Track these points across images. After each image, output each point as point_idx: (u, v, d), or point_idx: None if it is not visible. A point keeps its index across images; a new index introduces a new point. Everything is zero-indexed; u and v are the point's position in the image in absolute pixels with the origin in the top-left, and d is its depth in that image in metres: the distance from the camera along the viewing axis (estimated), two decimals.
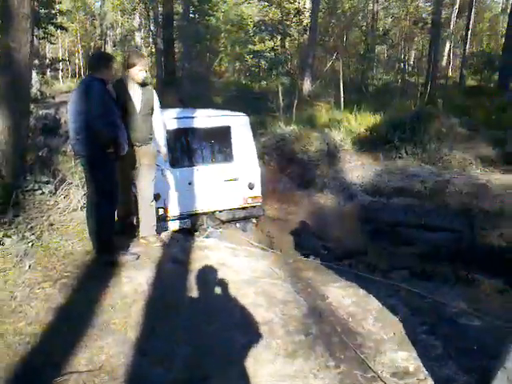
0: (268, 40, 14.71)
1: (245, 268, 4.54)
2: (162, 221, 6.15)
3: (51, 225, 5.26)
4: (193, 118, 6.64)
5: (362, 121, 11.42)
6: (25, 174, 6.18)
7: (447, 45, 25.82)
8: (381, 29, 17.91)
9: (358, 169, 8.71)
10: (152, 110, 4.81)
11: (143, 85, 4.75)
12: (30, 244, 4.72)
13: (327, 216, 7.70)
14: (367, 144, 9.55)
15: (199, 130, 6.63)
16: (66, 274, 4.29)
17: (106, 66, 4.34)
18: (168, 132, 6.15)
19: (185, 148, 6.74)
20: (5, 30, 5.74)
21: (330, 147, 9.36)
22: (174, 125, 6.33)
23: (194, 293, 3.90)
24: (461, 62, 22.38)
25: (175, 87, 18.92)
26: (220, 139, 6.78)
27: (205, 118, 6.68)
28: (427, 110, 9.34)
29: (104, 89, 4.24)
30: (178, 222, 6.32)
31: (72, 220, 5.55)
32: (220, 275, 4.29)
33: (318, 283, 4.11)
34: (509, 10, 18.98)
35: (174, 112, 7.10)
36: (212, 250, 5.14)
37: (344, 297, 3.73)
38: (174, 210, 6.24)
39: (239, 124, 6.77)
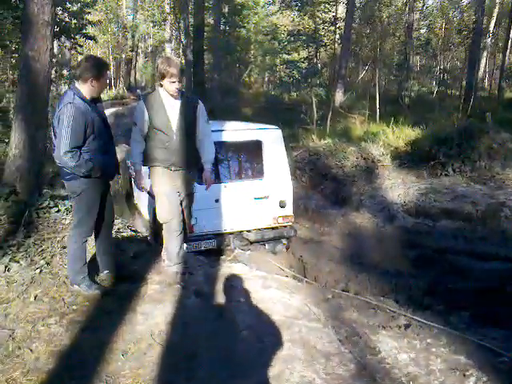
0: (302, 49, 14.16)
1: (277, 305, 3.94)
2: (186, 241, 5.68)
3: (64, 247, 4.79)
4: (222, 131, 6.18)
5: (401, 134, 10.72)
6: (40, 190, 5.78)
7: (484, 56, 24.79)
8: (422, 38, 17.14)
9: (399, 186, 8.01)
10: (194, 127, 4.23)
11: (182, 98, 4.18)
12: (38, 270, 4.26)
13: (365, 238, 7.03)
14: (408, 160, 8.84)
15: (229, 144, 6.17)
16: (74, 308, 3.80)
17: (96, 77, 3.56)
18: None
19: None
20: (24, 37, 5.42)
21: (367, 162, 8.70)
22: None
23: (218, 338, 3.31)
24: (500, 73, 21.33)
25: (204, 98, 18.57)
26: (251, 154, 6.34)
27: (235, 132, 6.23)
28: (476, 125, 8.59)
29: (81, 112, 3.45)
30: (203, 242, 5.84)
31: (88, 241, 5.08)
32: (249, 315, 3.70)
33: (364, 329, 3.47)
34: None
35: None
36: (240, 280, 4.56)
37: (399, 351, 3.08)
38: (199, 229, 5.75)
39: (271, 138, 6.29)
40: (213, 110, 17.91)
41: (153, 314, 3.68)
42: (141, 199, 7.48)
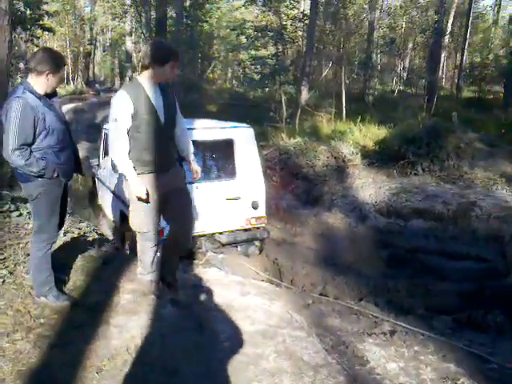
0: (271, 46, 14.00)
1: (258, 313, 3.80)
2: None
3: (28, 255, 4.47)
4: (192, 129, 5.95)
5: (368, 133, 10.78)
6: (0, 191, 5.41)
7: (442, 55, 25.43)
8: (386, 37, 17.36)
9: (370, 186, 8.02)
10: (175, 119, 3.70)
11: (162, 87, 3.57)
12: (0, 281, 3.95)
13: (338, 239, 6.98)
14: (377, 159, 8.88)
15: (198, 143, 5.92)
16: (42, 321, 3.52)
17: (52, 71, 3.24)
18: None
19: (183, 163, 6.05)
20: None
21: (338, 162, 8.67)
22: None
23: (198, 351, 3.13)
24: (458, 72, 21.92)
25: None
26: (222, 153, 6.15)
27: (205, 130, 6.02)
28: (443, 124, 8.71)
29: (30, 107, 3.16)
30: None
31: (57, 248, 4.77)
32: (229, 324, 3.54)
33: (349, 336, 3.38)
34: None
35: None
36: (216, 286, 4.39)
37: (387, 360, 3.00)
38: (169, 232, 5.53)
39: (243, 137, 6.13)
40: None
41: (127, 326, 3.46)
42: (104, 200, 7.17)
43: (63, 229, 5.07)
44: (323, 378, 2.84)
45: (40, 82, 3.27)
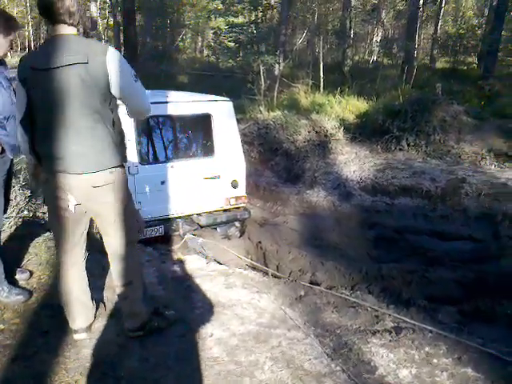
0: (249, 12, 13.23)
1: (247, 309, 3.43)
2: None
3: None
4: (165, 103, 5.46)
5: (348, 106, 10.39)
6: None
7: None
8: (367, 5, 16.78)
9: (354, 162, 7.67)
10: (107, 96, 2.39)
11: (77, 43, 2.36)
12: None
13: (322, 218, 6.65)
14: (359, 133, 8.51)
15: (173, 118, 5.51)
16: (1, 327, 3.07)
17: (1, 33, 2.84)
18: (135, 121, 5.00)
19: (156, 140, 5.58)
20: None
21: (319, 136, 8.27)
22: None
23: (184, 361, 2.75)
24: (432, 43, 21.63)
25: (136, 64, 17.30)
26: (199, 129, 5.74)
27: (180, 104, 5.54)
28: (428, 96, 8.38)
29: None
30: (149, 229, 5.20)
31: (16, 236, 4.25)
32: (216, 326, 3.16)
33: (351, 336, 3.05)
34: None
35: None
36: (198, 277, 4.00)
37: (398, 365, 2.69)
38: (144, 214, 5.09)
39: (222, 111, 5.69)
40: (146, 77, 16.79)
41: (100, 331, 3.04)
42: None
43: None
44: None
45: None
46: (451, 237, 5.71)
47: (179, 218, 5.45)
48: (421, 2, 16.90)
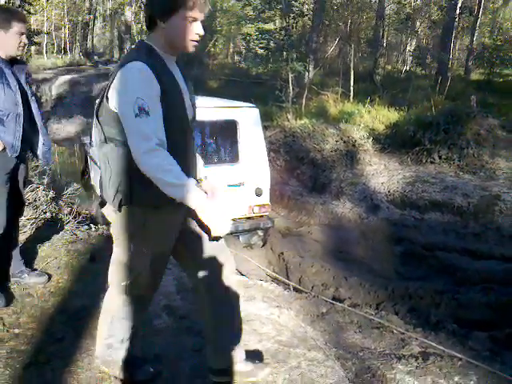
0: (280, 19, 13.12)
1: (266, 325, 3.30)
2: None
3: None
4: None
5: (378, 115, 10.17)
6: None
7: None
8: (401, 13, 16.47)
9: (382, 173, 7.46)
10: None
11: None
12: None
13: (347, 231, 6.48)
14: (389, 144, 8.29)
15: (200, 124, 5.42)
16: (16, 332, 3.03)
17: None
18: None
19: None
20: None
21: (347, 146, 8.10)
22: None
23: (202, 379, 2.64)
24: (467, 53, 21.14)
25: None
26: (224, 135, 5.66)
27: (207, 109, 5.47)
28: (462, 109, 8.11)
29: None
30: None
31: (35, 239, 4.25)
32: None
33: (375, 360, 2.88)
34: None
35: None
36: None
37: None
38: None
39: (248, 118, 5.64)
40: None
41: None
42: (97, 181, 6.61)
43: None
44: None
45: None
46: (483, 256, 5.45)
47: None
48: (457, 12, 16.58)
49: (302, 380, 2.67)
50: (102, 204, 2.21)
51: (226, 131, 5.58)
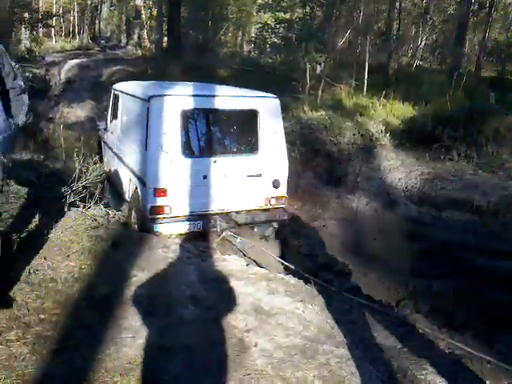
0: (299, 8, 12.90)
1: (292, 320, 3.27)
2: (167, 222, 4.95)
3: None
4: (212, 96, 5.35)
5: (393, 110, 10.06)
6: None
7: None
8: (417, 7, 16.26)
9: (399, 169, 7.38)
10: None
11: None
12: None
13: (363, 226, 6.43)
14: (406, 139, 8.21)
15: (219, 113, 5.38)
16: (41, 317, 3.01)
17: None
18: (181, 113, 4.90)
19: (201, 134, 5.47)
20: None
21: (364, 140, 8.01)
22: (187, 104, 5.01)
23: (229, 371, 2.62)
24: (479, 50, 20.90)
25: (179, 56, 17.32)
26: (244, 125, 5.60)
27: (227, 98, 5.43)
28: (481, 106, 8.00)
29: None
30: (186, 223, 5.09)
31: (57, 224, 4.21)
32: (261, 335, 3.01)
33: (405, 361, 2.86)
34: None
35: (187, 87, 5.79)
36: (239, 280, 3.86)
37: None
38: (183, 208, 5.02)
39: (268, 108, 5.56)
40: (187, 69, 16.75)
41: (142, 330, 2.94)
42: (111, 167, 6.56)
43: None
44: None
45: None
46: (503, 256, 5.40)
47: (217, 214, 5.31)
48: (471, 7, 16.37)
49: (333, 378, 2.64)
50: None
51: (247, 121, 5.50)
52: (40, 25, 18.10)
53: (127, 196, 5.75)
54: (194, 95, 5.23)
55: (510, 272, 5.04)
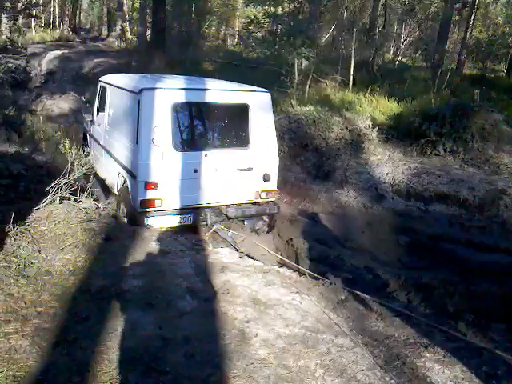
0: (287, 2, 12.88)
1: (290, 311, 3.31)
2: (158, 215, 4.94)
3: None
4: (204, 90, 5.33)
5: (378, 106, 10.17)
6: None
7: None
8: (404, 4, 16.37)
9: (387, 163, 7.48)
10: None
11: None
12: None
13: (351, 219, 6.50)
14: (392, 134, 8.31)
15: (211, 107, 5.36)
16: (39, 310, 2.98)
17: None
18: (172, 106, 4.89)
19: (191, 128, 5.47)
20: None
21: (352, 135, 8.08)
22: (178, 97, 5.00)
23: (231, 362, 2.63)
24: (461, 47, 21.22)
25: (163, 49, 17.15)
26: (235, 119, 5.59)
27: (219, 92, 5.41)
28: (467, 102, 8.16)
29: None
30: (177, 217, 5.09)
31: (50, 217, 4.15)
32: (261, 325, 3.04)
33: (402, 348, 2.92)
34: None
35: (178, 80, 5.75)
36: (234, 272, 3.88)
37: None
38: (174, 201, 5.01)
39: (260, 102, 5.57)
40: (171, 62, 16.60)
41: (141, 321, 2.94)
42: (98, 160, 6.47)
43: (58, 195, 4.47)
44: None
45: None
46: (488, 249, 5.53)
47: (207, 207, 5.32)
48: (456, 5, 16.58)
49: (335, 366, 2.68)
50: None
51: (238, 115, 5.50)
52: (22, 15, 17.66)
53: (115, 189, 5.71)
54: (185, 88, 5.20)
55: (493, 264, 5.16)
